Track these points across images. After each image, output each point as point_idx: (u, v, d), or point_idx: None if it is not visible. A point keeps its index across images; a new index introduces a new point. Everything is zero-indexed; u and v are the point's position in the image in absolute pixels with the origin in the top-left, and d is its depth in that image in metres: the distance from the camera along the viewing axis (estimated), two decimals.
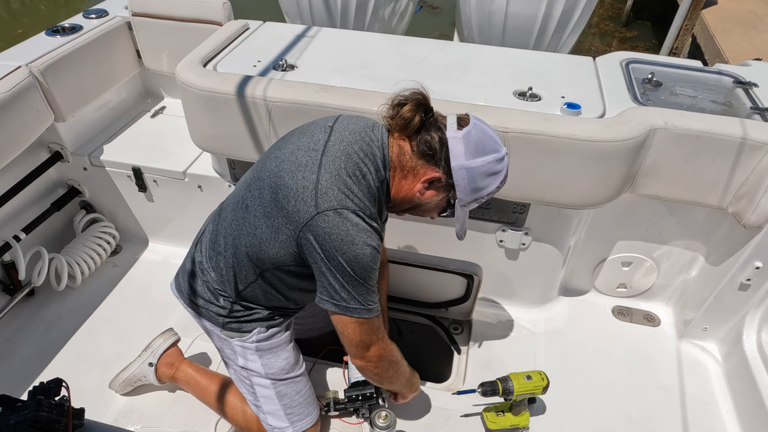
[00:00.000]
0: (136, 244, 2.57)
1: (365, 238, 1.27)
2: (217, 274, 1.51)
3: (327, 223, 1.25)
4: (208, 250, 1.53)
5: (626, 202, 1.95)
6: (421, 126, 1.33)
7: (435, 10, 7.59)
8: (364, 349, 1.42)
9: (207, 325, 1.60)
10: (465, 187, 1.34)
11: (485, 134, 1.33)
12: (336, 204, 1.26)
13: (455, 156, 1.31)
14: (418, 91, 1.35)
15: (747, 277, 1.89)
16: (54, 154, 2.31)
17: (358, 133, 1.36)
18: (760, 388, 1.82)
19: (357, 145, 1.33)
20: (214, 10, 2.31)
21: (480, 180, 1.33)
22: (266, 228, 1.35)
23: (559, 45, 3.28)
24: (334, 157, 1.31)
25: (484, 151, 1.31)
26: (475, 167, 1.31)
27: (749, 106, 1.87)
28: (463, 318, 2.25)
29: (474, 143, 1.31)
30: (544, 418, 1.89)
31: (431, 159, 1.33)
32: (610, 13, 7.70)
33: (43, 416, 0.93)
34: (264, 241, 1.37)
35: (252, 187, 1.42)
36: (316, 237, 1.27)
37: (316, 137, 1.37)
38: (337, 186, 1.27)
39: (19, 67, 2.00)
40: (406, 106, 1.32)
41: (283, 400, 1.63)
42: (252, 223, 1.39)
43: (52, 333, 2.14)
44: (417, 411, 1.90)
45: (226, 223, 1.49)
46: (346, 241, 1.26)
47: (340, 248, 1.26)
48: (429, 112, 1.35)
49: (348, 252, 1.26)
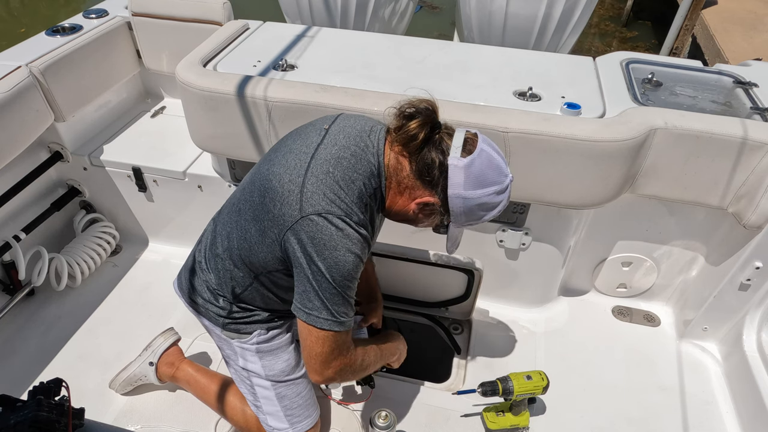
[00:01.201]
0: (136, 244, 2.57)
1: (349, 245, 1.23)
2: (215, 275, 1.51)
3: (310, 227, 1.22)
4: (207, 252, 1.53)
5: (626, 202, 1.95)
6: (423, 144, 1.26)
7: (435, 10, 7.59)
8: (324, 364, 1.33)
9: (207, 324, 1.60)
10: (459, 215, 1.30)
11: (490, 164, 1.26)
12: (320, 208, 1.22)
13: (453, 185, 1.25)
14: (428, 103, 1.28)
15: (747, 277, 1.89)
16: (54, 154, 2.31)
17: (353, 137, 1.32)
18: (760, 388, 1.83)
19: (349, 150, 1.29)
20: (214, 10, 2.31)
21: (476, 211, 1.28)
22: (255, 231, 1.34)
23: (559, 45, 3.28)
24: (324, 160, 1.27)
25: (484, 183, 1.25)
26: (473, 199, 1.26)
27: (749, 106, 1.87)
28: (463, 318, 2.25)
29: (475, 175, 1.24)
30: (544, 418, 1.89)
31: (428, 184, 1.28)
32: (611, 13, 7.70)
33: (43, 416, 0.92)
34: (254, 244, 1.35)
35: (245, 190, 1.41)
36: (299, 240, 1.24)
37: (310, 140, 1.34)
38: (322, 190, 1.24)
39: (19, 67, 2.00)
40: (414, 122, 1.25)
41: (282, 402, 1.62)
42: (243, 226, 1.37)
43: (52, 333, 2.14)
44: (417, 411, 1.90)
45: (221, 225, 1.49)
46: (329, 245, 1.22)
47: (322, 253, 1.22)
48: (436, 128, 1.28)
49: (329, 257, 1.22)
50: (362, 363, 1.46)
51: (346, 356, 1.37)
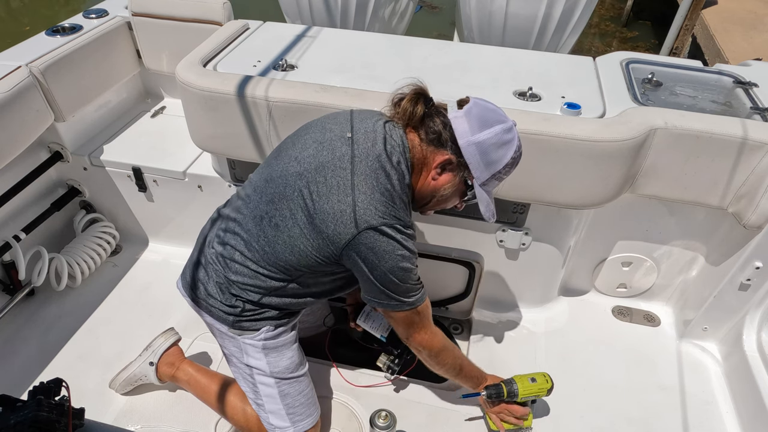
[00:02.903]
0: (136, 244, 2.57)
1: (403, 249, 1.35)
2: (238, 278, 1.50)
3: (368, 240, 1.32)
4: (224, 253, 1.51)
5: (626, 202, 1.95)
6: (424, 115, 1.38)
7: (434, 10, 7.59)
8: (410, 332, 1.53)
9: (213, 322, 1.60)
10: (478, 163, 1.35)
11: (487, 109, 1.35)
12: (375, 222, 1.32)
13: (461, 134, 1.34)
14: (414, 84, 1.39)
15: (747, 277, 1.89)
16: (54, 154, 2.31)
17: (380, 142, 1.37)
18: (760, 388, 1.83)
19: (383, 158, 1.36)
20: (214, 10, 2.31)
21: (492, 152, 1.34)
22: (306, 246, 1.39)
23: (559, 45, 3.28)
24: (365, 176, 1.34)
25: (488, 124, 1.33)
26: (484, 140, 1.32)
27: (749, 106, 1.87)
28: (463, 317, 2.25)
29: (476, 118, 1.33)
30: (544, 418, 1.89)
31: (438, 143, 1.37)
32: (611, 13, 7.70)
33: (43, 416, 0.93)
34: (304, 257, 1.41)
35: (278, 205, 1.41)
36: (359, 253, 1.34)
37: (339, 152, 1.37)
38: (373, 206, 1.32)
39: (19, 67, 2.00)
40: (405, 100, 1.38)
41: (285, 400, 1.63)
42: (288, 242, 1.41)
43: (52, 333, 2.14)
44: (417, 411, 1.90)
45: (247, 234, 1.47)
46: (388, 251, 1.34)
47: (383, 258, 1.34)
48: (429, 101, 1.39)
49: (390, 262, 1.35)
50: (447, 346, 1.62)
51: (427, 329, 1.55)
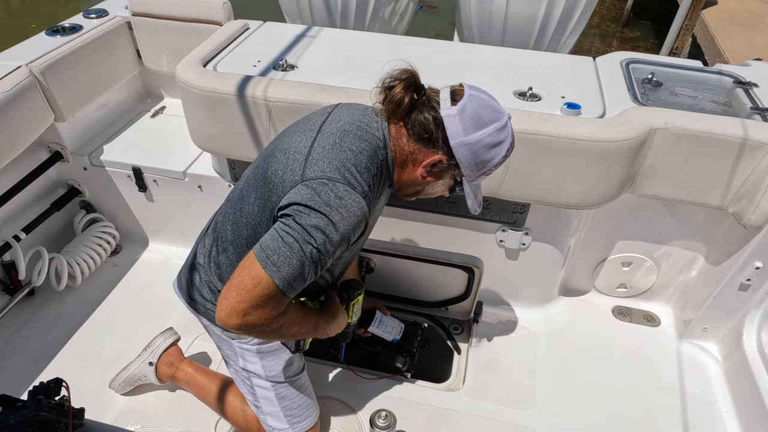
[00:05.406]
0: (136, 244, 2.57)
1: (342, 218, 1.19)
2: (219, 272, 1.49)
3: (308, 192, 1.19)
4: (209, 248, 1.52)
5: (626, 202, 1.95)
6: (412, 107, 1.28)
7: (433, 10, 7.58)
8: (249, 307, 1.18)
9: (209, 325, 1.60)
10: (469, 164, 1.29)
11: (482, 104, 1.27)
12: (322, 174, 1.20)
13: (453, 134, 1.25)
14: (408, 71, 1.29)
15: (747, 277, 1.89)
16: (54, 154, 2.31)
17: (357, 115, 1.35)
18: (760, 388, 1.83)
19: (354, 125, 1.31)
20: (214, 10, 2.31)
21: (483, 153, 1.28)
22: (259, 211, 1.32)
23: (560, 45, 3.28)
24: (329, 133, 1.29)
25: (482, 123, 1.25)
26: (476, 141, 1.25)
27: (749, 106, 1.87)
28: (463, 318, 2.25)
29: (470, 117, 1.25)
30: (544, 418, 1.89)
31: (428, 142, 1.29)
32: (611, 14, 7.70)
33: (43, 416, 0.93)
34: (260, 223, 1.32)
35: (248, 179, 1.42)
36: (292, 202, 1.20)
37: (313, 121, 1.37)
38: (328, 158, 1.23)
39: (19, 67, 2.00)
40: (396, 88, 1.28)
41: (282, 402, 1.62)
42: (248, 211, 1.36)
43: (52, 333, 2.14)
44: (417, 411, 1.90)
45: (223, 216, 1.48)
46: (323, 210, 1.17)
47: (310, 214, 1.17)
48: (420, 90, 1.30)
49: (317, 222, 1.17)
50: (280, 330, 1.30)
51: (272, 313, 1.22)
